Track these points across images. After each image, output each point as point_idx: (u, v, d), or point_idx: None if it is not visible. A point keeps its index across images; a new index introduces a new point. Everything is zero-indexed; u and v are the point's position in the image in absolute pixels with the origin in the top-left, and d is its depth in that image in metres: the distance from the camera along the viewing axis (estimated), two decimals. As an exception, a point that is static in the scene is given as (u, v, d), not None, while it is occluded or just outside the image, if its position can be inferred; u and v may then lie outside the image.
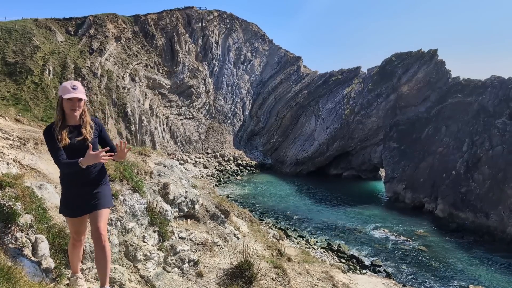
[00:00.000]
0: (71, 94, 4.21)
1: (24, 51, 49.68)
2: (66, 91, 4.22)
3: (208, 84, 75.46)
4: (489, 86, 51.14)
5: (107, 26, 62.07)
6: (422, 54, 61.53)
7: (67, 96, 4.21)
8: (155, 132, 61.42)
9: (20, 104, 42.52)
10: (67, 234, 5.08)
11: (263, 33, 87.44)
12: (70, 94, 4.21)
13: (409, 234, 40.06)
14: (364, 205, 49.50)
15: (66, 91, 4.22)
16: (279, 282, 7.47)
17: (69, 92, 4.21)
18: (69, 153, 4.21)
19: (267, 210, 46.43)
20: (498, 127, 45.97)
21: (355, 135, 62.51)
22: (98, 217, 4.38)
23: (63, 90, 4.24)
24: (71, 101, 4.26)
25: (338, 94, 70.37)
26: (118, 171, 7.35)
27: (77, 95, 4.23)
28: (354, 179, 63.61)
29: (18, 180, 5.14)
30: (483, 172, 44.40)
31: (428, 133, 53.87)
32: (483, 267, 33.36)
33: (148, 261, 6.37)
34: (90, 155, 4.03)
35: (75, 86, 4.26)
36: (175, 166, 9.98)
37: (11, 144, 7.27)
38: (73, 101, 4.27)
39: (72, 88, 4.23)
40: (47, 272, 4.48)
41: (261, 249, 11.27)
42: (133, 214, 6.77)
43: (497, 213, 40.91)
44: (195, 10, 76.74)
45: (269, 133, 77.23)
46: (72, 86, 4.25)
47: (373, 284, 12.27)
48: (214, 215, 10.08)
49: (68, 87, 4.24)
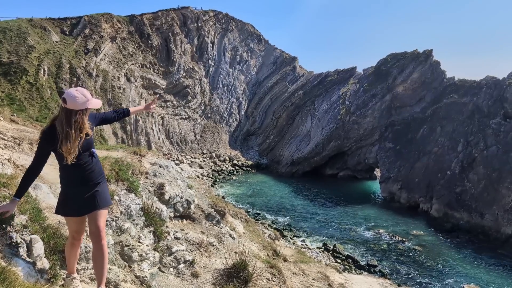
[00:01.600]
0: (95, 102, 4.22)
1: (18, 51, 49.41)
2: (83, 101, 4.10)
3: (204, 84, 75.40)
4: (483, 86, 51.44)
5: (103, 26, 61.87)
6: (418, 54, 61.76)
7: (94, 106, 4.20)
8: (150, 132, 61.29)
9: (15, 104, 42.27)
10: (62, 235, 5.06)
11: (258, 33, 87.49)
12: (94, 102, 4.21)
13: (404, 234, 40.20)
14: (360, 205, 49.64)
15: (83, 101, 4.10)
16: (274, 282, 7.48)
17: (87, 101, 4.13)
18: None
19: (262, 210, 46.44)
20: (493, 127, 46.24)
21: (350, 135, 62.63)
22: (98, 216, 4.40)
23: (82, 103, 4.09)
24: (88, 110, 4.25)
25: (333, 95, 70.50)
26: (113, 171, 7.33)
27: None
28: (350, 179, 63.74)
29: (13, 181, 5.11)
30: (478, 172, 44.63)
31: (423, 133, 54.09)
32: (478, 267, 33.55)
33: (144, 261, 6.36)
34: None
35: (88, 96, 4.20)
36: (171, 166, 9.96)
37: (5, 144, 7.24)
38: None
39: (90, 98, 4.18)
40: (42, 272, 4.46)
41: (257, 249, 11.28)
42: (128, 215, 6.75)
43: (491, 213, 41.14)
44: (190, 10, 76.67)
45: (265, 133, 77.26)
46: (85, 94, 4.16)
47: (368, 284, 12.31)
48: (209, 215, 10.07)
49: (87, 96, 4.15)
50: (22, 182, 4.22)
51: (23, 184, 4.22)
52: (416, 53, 62.03)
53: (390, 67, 62.70)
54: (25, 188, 4.27)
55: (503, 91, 48.17)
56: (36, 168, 4.21)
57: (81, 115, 4.09)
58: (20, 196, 4.24)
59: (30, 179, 4.25)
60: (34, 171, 4.21)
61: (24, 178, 4.22)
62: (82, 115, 4.10)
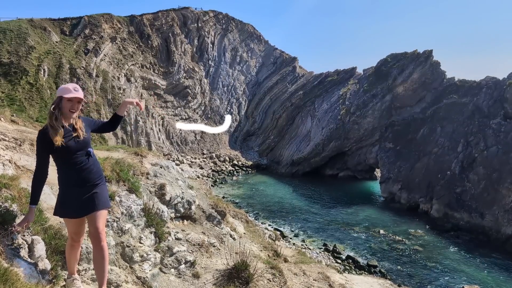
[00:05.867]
0: (72, 94, 4.28)
1: (19, 51, 49.44)
2: (67, 91, 4.29)
3: (204, 85, 75.40)
4: (484, 86, 51.44)
5: (103, 26, 61.88)
6: (418, 54, 61.76)
7: (69, 95, 4.26)
8: (150, 132, 61.28)
9: (15, 105, 42.32)
10: (63, 236, 5.06)
11: (258, 34, 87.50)
12: (72, 94, 4.28)
13: (405, 234, 40.20)
14: (360, 205, 49.62)
15: (67, 91, 4.29)
16: (275, 283, 7.48)
17: (71, 93, 4.28)
18: (63, 153, 4.26)
19: (263, 210, 46.43)
20: (493, 127, 46.23)
21: (350, 136, 62.63)
22: (97, 218, 4.40)
23: (64, 91, 4.30)
24: (71, 101, 4.31)
25: (333, 95, 70.49)
26: (114, 172, 7.33)
27: (79, 96, 4.31)
28: (350, 179, 63.72)
29: (14, 181, 5.12)
30: (478, 173, 44.62)
31: (423, 133, 54.08)
32: (478, 267, 33.54)
33: (145, 262, 6.36)
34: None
35: (76, 88, 4.34)
36: (172, 167, 9.96)
37: (6, 145, 7.24)
38: (73, 101, 4.32)
39: (74, 90, 4.30)
40: (44, 273, 4.46)
41: (258, 249, 11.28)
42: (129, 215, 6.75)
43: (491, 213, 41.12)
44: (190, 11, 76.68)
45: (265, 134, 77.24)
46: (74, 88, 4.32)
47: (369, 284, 12.30)
48: (210, 216, 10.08)
49: (70, 88, 4.31)
50: (32, 189, 4.31)
51: (34, 191, 4.30)
52: (416, 53, 62.03)
53: (390, 67, 62.70)
54: (37, 194, 4.32)
55: (503, 91, 48.16)
56: (40, 172, 4.28)
57: (61, 100, 4.28)
58: (35, 202, 4.31)
59: (38, 185, 4.30)
60: (39, 175, 4.28)
61: (33, 185, 4.30)
62: (60, 101, 4.29)
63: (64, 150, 4.24)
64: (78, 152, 4.33)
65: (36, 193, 4.30)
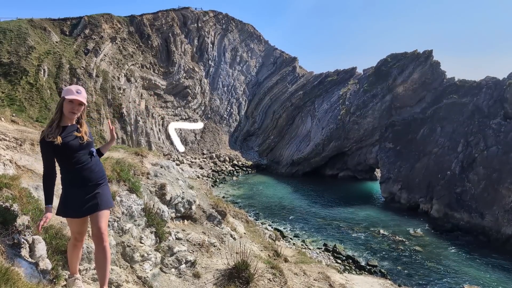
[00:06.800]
0: (73, 96, 4.33)
1: (19, 52, 49.42)
2: (70, 93, 4.34)
3: (204, 85, 75.41)
4: (484, 87, 51.46)
5: (103, 26, 61.88)
6: (418, 54, 61.78)
7: (70, 97, 4.32)
8: (150, 132, 61.29)
9: (15, 105, 42.28)
10: (64, 235, 5.07)
11: (258, 34, 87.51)
12: (73, 96, 4.33)
13: (405, 234, 40.19)
14: (360, 205, 49.61)
15: (70, 93, 4.34)
16: (276, 283, 7.48)
17: (72, 95, 4.33)
18: (65, 151, 4.30)
19: (263, 210, 46.42)
20: (493, 127, 46.24)
21: (350, 136, 62.63)
22: (100, 218, 4.43)
23: (67, 92, 4.36)
24: (72, 103, 4.36)
25: (333, 95, 70.50)
26: (115, 172, 7.34)
27: (79, 98, 4.36)
28: (350, 179, 63.72)
29: (15, 181, 5.13)
30: (478, 173, 44.62)
31: (423, 133, 54.09)
32: (478, 267, 33.53)
33: (145, 262, 6.37)
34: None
35: (79, 91, 4.39)
36: (172, 167, 9.97)
37: (7, 145, 7.24)
38: (74, 103, 4.37)
39: (76, 92, 4.35)
40: (44, 273, 4.47)
41: (258, 249, 11.29)
42: (130, 215, 6.76)
43: (492, 213, 41.12)
44: (190, 11, 76.69)
45: (265, 134, 77.22)
46: (77, 90, 4.38)
47: (369, 284, 12.31)
48: (210, 216, 10.09)
49: (72, 90, 4.36)
50: (44, 190, 4.38)
51: (46, 192, 4.37)
52: (416, 53, 62.05)
53: (390, 67, 62.72)
54: (50, 194, 4.38)
55: (503, 91, 48.18)
56: (48, 173, 4.35)
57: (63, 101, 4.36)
58: (50, 202, 4.37)
59: (49, 185, 4.37)
60: (48, 176, 4.35)
61: (44, 186, 4.38)
62: (63, 102, 4.37)
63: (66, 148, 4.29)
64: (80, 151, 4.39)
65: (49, 194, 4.37)
